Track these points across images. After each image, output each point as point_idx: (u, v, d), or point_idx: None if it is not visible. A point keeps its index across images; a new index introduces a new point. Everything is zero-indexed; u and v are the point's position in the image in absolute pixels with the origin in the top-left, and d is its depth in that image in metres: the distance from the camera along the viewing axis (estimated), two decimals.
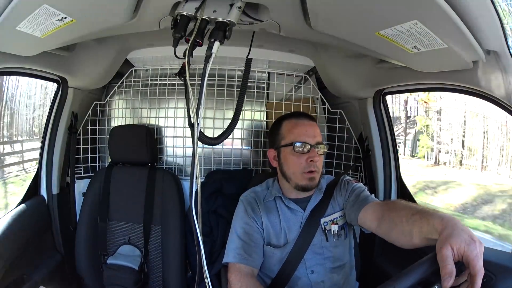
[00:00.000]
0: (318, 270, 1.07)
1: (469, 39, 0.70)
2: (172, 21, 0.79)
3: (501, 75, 0.79)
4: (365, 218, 0.98)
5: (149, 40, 1.37)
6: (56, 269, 1.34)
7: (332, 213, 1.11)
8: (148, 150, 1.45)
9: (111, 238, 1.44)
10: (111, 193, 1.45)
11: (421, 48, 0.78)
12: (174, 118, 1.57)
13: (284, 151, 1.10)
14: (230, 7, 0.78)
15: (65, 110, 1.40)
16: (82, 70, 1.31)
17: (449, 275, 0.58)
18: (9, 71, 1.05)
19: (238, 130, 1.59)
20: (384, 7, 0.68)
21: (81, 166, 1.55)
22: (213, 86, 1.53)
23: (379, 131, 1.39)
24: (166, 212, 1.43)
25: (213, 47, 0.74)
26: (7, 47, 0.90)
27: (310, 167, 1.06)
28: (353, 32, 0.86)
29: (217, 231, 1.43)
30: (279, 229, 1.10)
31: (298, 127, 1.10)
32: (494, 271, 0.82)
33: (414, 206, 0.84)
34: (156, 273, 1.44)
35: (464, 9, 0.63)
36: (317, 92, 1.59)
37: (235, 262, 1.06)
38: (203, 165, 1.57)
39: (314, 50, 1.37)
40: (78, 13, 0.78)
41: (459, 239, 0.62)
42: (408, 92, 1.83)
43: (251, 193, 1.18)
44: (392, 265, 1.28)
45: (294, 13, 0.82)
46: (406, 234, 0.79)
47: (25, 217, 1.25)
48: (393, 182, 1.40)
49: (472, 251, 0.60)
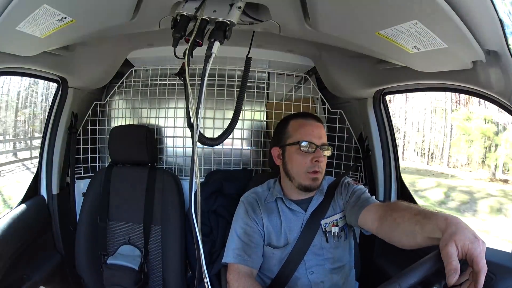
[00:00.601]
0: (317, 270, 1.07)
1: (469, 39, 0.70)
2: (172, 21, 0.79)
3: (501, 75, 0.79)
4: (365, 220, 0.98)
5: (149, 40, 1.38)
6: (56, 269, 1.34)
7: (332, 215, 1.11)
8: (148, 150, 1.45)
9: (111, 238, 1.44)
10: (111, 193, 1.45)
11: (421, 48, 0.78)
12: (174, 118, 1.57)
13: (289, 150, 1.10)
14: (230, 7, 0.78)
15: (65, 110, 1.40)
16: (82, 70, 1.31)
17: (454, 271, 0.59)
18: (9, 71, 1.05)
19: (238, 130, 1.59)
20: (384, 7, 0.68)
21: (81, 166, 1.55)
22: (213, 86, 1.53)
23: (379, 131, 1.39)
24: (166, 212, 1.43)
25: (213, 47, 0.74)
26: (7, 47, 0.90)
27: (315, 167, 1.06)
28: (353, 32, 0.86)
29: (217, 231, 1.43)
30: (280, 230, 1.10)
31: (305, 127, 1.10)
32: (494, 271, 0.82)
33: (416, 206, 0.85)
34: (156, 273, 1.43)
35: (464, 9, 0.63)
36: (317, 92, 1.59)
37: (234, 263, 1.06)
38: (203, 165, 1.57)
39: (314, 50, 1.37)
40: (78, 13, 0.78)
41: (464, 236, 0.62)
42: (408, 92, 1.83)
43: (252, 194, 1.18)
44: (392, 265, 1.28)
45: (294, 13, 0.82)
46: (408, 234, 0.79)
47: (25, 217, 1.24)
48: (393, 182, 1.40)
49: (476, 248, 0.61)
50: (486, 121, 5.59)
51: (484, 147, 5.77)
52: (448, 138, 6.35)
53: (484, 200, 5.25)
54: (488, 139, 5.65)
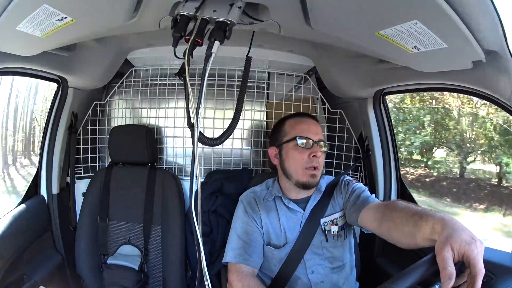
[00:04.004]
0: (317, 270, 1.07)
1: (469, 39, 0.70)
2: (172, 21, 0.79)
3: (501, 75, 0.79)
4: (365, 219, 0.98)
5: (149, 40, 1.37)
6: (56, 269, 1.34)
7: (332, 213, 1.11)
8: (148, 150, 1.45)
9: (111, 238, 1.44)
10: (111, 193, 1.45)
11: (421, 48, 0.78)
12: (174, 118, 1.57)
13: (287, 147, 1.10)
14: (230, 7, 0.77)
15: (65, 110, 1.40)
16: (82, 70, 1.31)
17: (449, 278, 0.57)
18: (9, 71, 1.05)
19: (238, 130, 1.59)
20: (384, 7, 0.68)
21: (81, 166, 1.55)
22: (213, 86, 1.53)
23: (379, 131, 1.39)
24: (166, 212, 1.43)
25: (213, 47, 0.74)
26: (7, 47, 0.90)
27: (312, 163, 1.06)
28: (353, 32, 0.86)
29: (217, 231, 1.43)
30: (279, 229, 1.10)
31: (301, 124, 1.11)
32: (494, 271, 0.82)
33: (414, 206, 0.84)
34: (156, 273, 1.43)
35: (464, 9, 0.63)
36: (317, 92, 1.58)
37: (235, 262, 1.06)
38: (203, 165, 1.57)
39: (314, 50, 1.37)
40: (78, 13, 0.78)
41: (459, 239, 0.61)
42: (408, 92, 1.83)
43: (250, 193, 1.18)
44: (392, 265, 1.28)
45: (294, 13, 0.82)
46: (406, 235, 0.79)
47: (25, 217, 1.24)
48: (393, 182, 1.40)
49: (473, 250, 0.59)
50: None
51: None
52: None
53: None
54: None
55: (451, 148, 2.78)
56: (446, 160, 2.83)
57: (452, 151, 2.75)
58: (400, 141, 2.69)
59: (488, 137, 2.50)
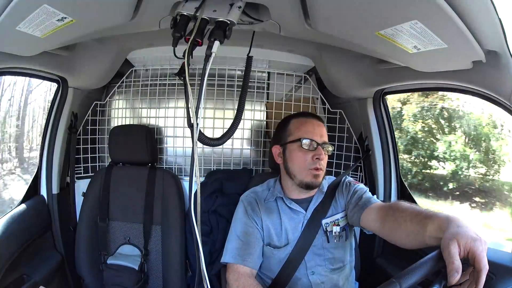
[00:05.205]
0: (318, 271, 1.07)
1: (469, 39, 0.70)
2: (172, 21, 0.79)
3: (501, 75, 0.79)
4: (368, 219, 0.98)
5: (149, 40, 1.37)
6: (56, 269, 1.34)
7: (333, 214, 1.11)
8: (148, 150, 1.45)
9: (111, 238, 1.44)
10: (111, 193, 1.45)
11: (421, 48, 0.78)
12: (174, 118, 1.57)
13: (290, 147, 1.10)
14: (230, 7, 0.78)
15: (65, 110, 1.40)
16: (82, 70, 1.31)
17: (456, 271, 0.58)
18: (9, 71, 1.05)
19: (239, 130, 1.58)
20: (384, 7, 0.68)
21: (81, 166, 1.55)
22: (213, 86, 1.53)
23: (379, 131, 1.40)
24: (166, 212, 1.43)
25: (213, 47, 0.74)
26: (7, 47, 0.90)
27: (316, 164, 1.06)
28: (353, 32, 0.86)
29: (217, 231, 1.43)
30: (280, 230, 1.10)
31: (306, 125, 1.10)
32: (494, 271, 0.82)
33: (417, 207, 0.85)
34: (156, 273, 1.43)
35: (464, 9, 0.63)
36: (317, 92, 1.58)
37: (233, 263, 1.06)
38: (203, 165, 1.57)
39: (314, 50, 1.36)
40: (78, 13, 0.78)
41: (465, 235, 0.62)
42: (408, 92, 1.83)
43: (251, 193, 1.18)
44: (392, 265, 1.28)
45: (294, 13, 0.82)
46: (410, 234, 0.79)
47: (25, 217, 1.24)
48: (393, 182, 1.40)
49: (478, 247, 0.61)
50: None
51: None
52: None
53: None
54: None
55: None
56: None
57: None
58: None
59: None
